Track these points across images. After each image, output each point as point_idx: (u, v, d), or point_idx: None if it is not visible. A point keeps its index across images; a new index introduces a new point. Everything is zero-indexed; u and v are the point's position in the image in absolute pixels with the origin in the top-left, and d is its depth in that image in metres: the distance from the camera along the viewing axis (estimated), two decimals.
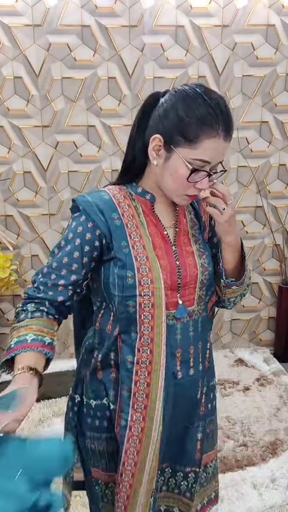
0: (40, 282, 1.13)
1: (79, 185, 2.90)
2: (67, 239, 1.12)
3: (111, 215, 1.11)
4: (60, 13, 2.65)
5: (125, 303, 1.09)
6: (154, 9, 2.71)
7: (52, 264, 1.13)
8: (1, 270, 2.65)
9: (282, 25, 2.80)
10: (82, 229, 1.11)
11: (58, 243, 1.15)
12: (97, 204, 1.11)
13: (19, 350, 1.05)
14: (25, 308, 1.12)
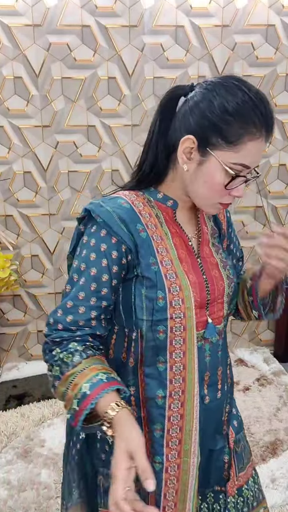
0: (70, 322, 0.95)
1: (79, 185, 2.90)
2: (89, 260, 0.95)
3: (136, 227, 0.96)
4: (60, 13, 2.65)
5: (155, 328, 0.95)
6: (154, 9, 2.71)
7: (78, 294, 0.95)
8: (1, 270, 2.65)
9: (282, 25, 2.80)
10: (106, 247, 0.94)
11: (75, 267, 0.97)
12: (118, 214, 0.95)
13: (101, 393, 0.86)
14: (71, 349, 0.92)
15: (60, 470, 2.15)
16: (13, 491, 2.03)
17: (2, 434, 2.38)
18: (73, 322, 0.95)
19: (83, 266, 0.96)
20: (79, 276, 0.96)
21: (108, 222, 0.94)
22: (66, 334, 0.95)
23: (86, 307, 0.95)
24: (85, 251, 0.96)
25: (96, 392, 0.85)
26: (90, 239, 0.96)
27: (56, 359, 0.93)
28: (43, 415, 2.51)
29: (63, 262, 3.00)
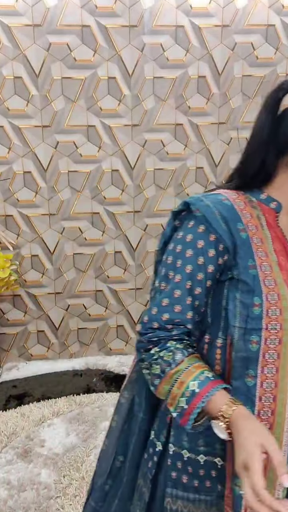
0: (166, 321, 0.91)
1: (79, 185, 2.90)
2: (184, 256, 0.91)
3: (236, 226, 0.90)
4: (60, 13, 2.65)
5: (248, 338, 0.89)
6: (154, 9, 2.71)
7: (174, 292, 0.91)
8: (1, 270, 2.65)
9: (282, 25, 2.80)
10: (203, 244, 0.90)
11: (169, 263, 0.93)
12: (219, 210, 0.90)
13: (211, 391, 0.84)
14: (171, 348, 0.90)
15: (60, 470, 2.15)
16: (13, 491, 2.03)
17: (2, 434, 2.38)
18: (169, 320, 0.91)
19: (178, 263, 0.92)
20: (174, 273, 0.92)
21: (208, 217, 0.90)
22: (163, 333, 0.91)
23: (182, 306, 0.91)
24: (181, 247, 0.92)
25: (206, 390, 0.84)
26: (187, 234, 0.92)
27: (156, 357, 0.90)
28: (43, 415, 2.51)
29: (63, 262, 3.00)
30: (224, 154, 2.95)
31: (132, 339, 3.17)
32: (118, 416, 1.21)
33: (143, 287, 3.10)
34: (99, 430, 2.38)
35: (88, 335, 3.13)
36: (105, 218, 2.97)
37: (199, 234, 0.90)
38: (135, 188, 2.94)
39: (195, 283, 0.90)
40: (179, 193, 2.98)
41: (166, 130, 2.88)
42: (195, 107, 2.87)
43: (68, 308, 3.07)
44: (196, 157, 2.94)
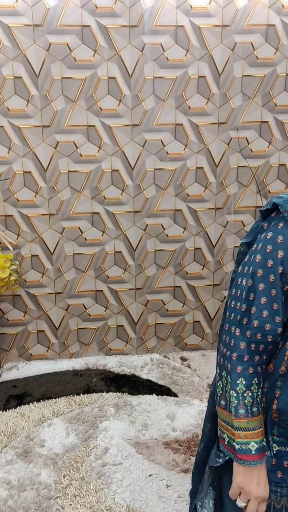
0: (260, 328, 1.03)
1: (79, 185, 2.90)
2: (276, 257, 0.98)
3: None
4: (60, 13, 2.65)
5: None
6: (154, 9, 2.71)
7: (260, 298, 1.01)
8: (1, 270, 2.65)
9: (282, 25, 2.80)
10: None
11: (259, 262, 1.00)
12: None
13: (262, 460, 1.07)
14: (253, 394, 1.06)
15: (60, 470, 2.15)
16: (13, 491, 2.03)
17: (2, 434, 2.38)
18: (262, 329, 1.03)
19: (270, 263, 0.98)
20: (264, 273, 0.99)
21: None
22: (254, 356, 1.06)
23: (271, 311, 1.01)
24: (271, 247, 0.98)
25: (259, 458, 1.05)
26: (277, 235, 0.97)
27: (240, 392, 1.06)
28: (43, 415, 2.51)
29: (63, 262, 3.00)
30: (224, 154, 2.96)
31: (131, 339, 3.17)
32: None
33: (143, 287, 3.10)
34: (99, 430, 2.38)
35: (88, 335, 3.13)
36: (105, 218, 2.97)
37: (282, 231, 0.96)
38: (135, 188, 2.94)
39: (285, 282, 0.98)
40: (179, 193, 2.98)
41: (166, 130, 2.88)
42: (195, 107, 2.87)
43: (68, 308, 3.07)
44: (196, 157, 2.94)
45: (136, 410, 2.54)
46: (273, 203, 0.99)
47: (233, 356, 1.05)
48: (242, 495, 1.07)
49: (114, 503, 1.96)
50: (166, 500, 1.98)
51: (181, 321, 3.18)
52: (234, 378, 1.05)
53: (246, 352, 1.04)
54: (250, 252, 1.05)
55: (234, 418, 1.05)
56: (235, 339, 1.05)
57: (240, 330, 1.05)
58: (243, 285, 1.04)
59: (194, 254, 3.09)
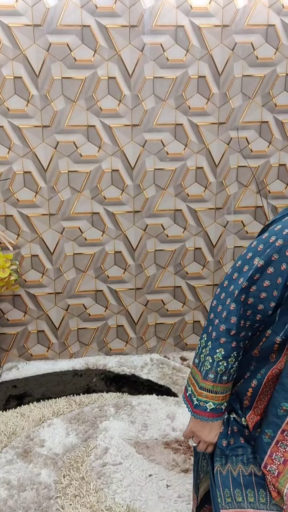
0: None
1: (79, 185, 2.90)
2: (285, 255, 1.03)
3: None
4: (60, 13, 2.65)
5: None
6: (154, 9, 2.71)
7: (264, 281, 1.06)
8: (1, 270, 2.65)
9: (282, 25, 2.80)
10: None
11: (276, 247, 1.04)
12: None
13: (215, 418, 1.17)
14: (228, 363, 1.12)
15: (60, 470, 2.15)
16: (13, 491, 2.03)
17: (2, 434, 2.38)
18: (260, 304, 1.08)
19: (275, 256, 1.03)
20: (279, 259, 1.03)
21: None
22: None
23: (270, 295, 1.05)
24: (281, 241, 1.02)
25: (212, 416, 1.13)
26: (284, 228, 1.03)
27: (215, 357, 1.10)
28: (43, 415, 2.51)
29: (63, 262, 3.00)
30: (224, 154, 2.96)
31: (131, 339, 3.17)
32: None
33: (143, 287, 3.10)
34: (99, 430, 2.38)
35: (88, 335, 3.13)
36: (105, 218, 2.97)
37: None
38: (135, 188, 2.94)
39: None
40: (179, 193, 2.98)
41: (166, 130, 2.88)
42: (195, 107, 2.87)
43: (68, 308, 3.07)
44: (196, 157, 2.94)
45: (136, 410, 2.54)
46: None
47: (220, 327, 1.08)
48: (194, 438, 1.19)
49: (114, 503, 1.96)
50: (166, 500, 1.98)
51: (181, 321, 3.18)
52: (215, 346, 1.09)
53: (235, 327, 1.07)
54: (271, 231, 1.06)
55: (202, 379, 1.12)
56: (227, 312, 1.08)
57: (235, 305, 1.07)
58: (254, 263, 1.05)
59: (194, 254, 3.09)
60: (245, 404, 1.17)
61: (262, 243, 1.05)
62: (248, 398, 1.16)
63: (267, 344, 1.09)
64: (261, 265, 1.03)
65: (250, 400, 1.16)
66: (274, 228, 1.06)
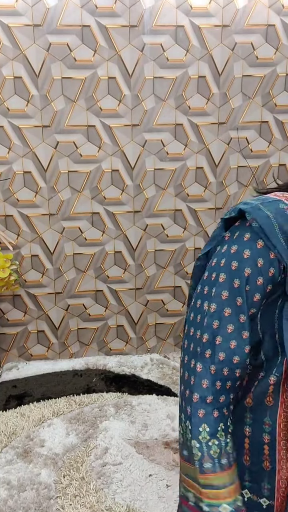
0: (224, 362, 0.83)
1: (79, 185, 2.90)
2: (243, 276, 0.81)
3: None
4: (60, 13, 2.65)
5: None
6: (154, 9, 2.71)
7: (226, 326, 0.82)
8: (1, 270, 2.65)
9: (282, 25, 2.80)
10: (263, 263, 0.80)
11: (223, 282, 0.83)
12: (280, 224, 0.80)
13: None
14: (220, 443, 0.85)
15: (60, 470, 2.15)
16: (13, 491, 2.03)
17: (2, 434, 2.38)
18: (227, 362, 0.84)
19: (236, 283, 0.81)
20: (230, 295, 0.82)
21: (267, 231, 0.79)
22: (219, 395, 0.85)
23: (238, 341, 0.83)
24: (237, 264, 0.81)
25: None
26: (244, 249, 0.81)
27: (203, 442, 0.84)
28: (43, 415, 2.51)
29: (63, 262, 3.00)
30: (224, 154, 2.96)
31: (131, 339, 3.17)
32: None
33: (143, 287, 3.10)
34: (99, 430, 2.38)
35: (88, 335, 3.13)
36: (105, 218, 2.97)
37: (258, 251, 0.80)
38: (135, 188, 2.94)
39: (251, 304, 0.81)
40: (179, 193, 2.98)
41: (166, 130, 2.88)
42: (195, 107, 2.87)
43: (68, 308, 3.07)
44: (196, 157, 2.94)
45: (136, 410, 2.54)
46: (239, 209, 0.83)
47: (193, 398, 0.84)
48: None
49: (114, 503, 1.96)
50: (166, 500, 1.98)
51: (181, 321, 3.18)
52: (196, 424, 0.84)
53: (209, 392, 0.84)
54: (209, 268, 0.87)
55: (199, 474, 0.84)
56: (195, 376, 0.85)
57: (202, 365, 0.84)
58: (205, 309, 0.85)
59: (194, 254, 3.09)
60: (265, 467, 0.91)
61: (206, 285, 0.86)
62: (267, 458, 0.90)
63: (261, 388, 0.89)
64: (214, 309, 0.84)
65: (271, 462, 0.90)
66: (211, 264, 0.88)
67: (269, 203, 0.83)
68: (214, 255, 0.88)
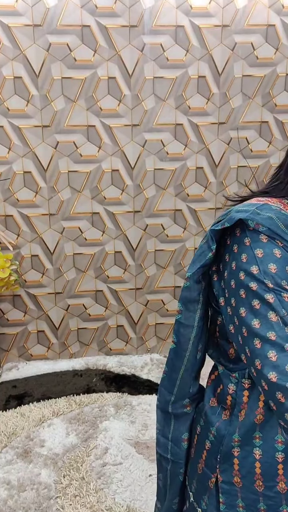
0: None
1: (79, 185, 2.90)
2: (271, 273, 0.77)
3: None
4: (60, 13, 2.65)
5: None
6: (154, 9, 2.71)
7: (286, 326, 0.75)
8: (1, 270, 2.65)
9: (282, 25, 2.80)
10: (280, 252, 0.79)
11: (274, 284, 0.77)
12: (283, 221, 0.81)
13: None
14: None
15: (60, 470, 2.15)
16: (13, 491, 2.03)
17: (2, 434, 2.38)
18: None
19: (269, 284, 0.77)
20: (274, 295, 0.77)
21: (276, 231, 0.79)
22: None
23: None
24: (275, 266, 0.77)
25: None
26: (272, 250, 0.78)
27: None
28: (43, 415, 2.51)
29: (63, 262, 3.00)
30: (224, 154, 2.96)
31: (132, 339, 3.17)
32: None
33: (143, 287, 3.10)
34: (99, 430, 2.38)
35: (88, 335, 3.13)
36: (105, 218, 2.97)
37: (268, 244, 0.79)
38: (135, 188, 2.94)
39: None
40: (179, 193, 2.98)
41: (166, 130, 2.88)
42: (195, 107, 2.87)
43: (68, 308, 3.07)
44: (196, 157, 2.94)
45: (136, 410, 2.54)
46: (236, 219, 0.81)
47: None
48: None
49: (114, 503, 1.96)
50: None
51: None
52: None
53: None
54: (238, 283, 0.81)
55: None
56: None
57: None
58: (254, 326, 0.78)
59: (194, 254, 3.09)
60: (281, 489, 0.86)
61: (246, 302, 0.81)
62: (283, 479, 0.86)
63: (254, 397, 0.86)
64: (276, 319, 0.77)
65: (286, 482, 0.86)
66: (237, 279, 0.83)
67: (261, 206, 0.82)
68: (233, 273, 0.83)
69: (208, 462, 0.92)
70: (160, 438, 1.05)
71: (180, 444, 1.01)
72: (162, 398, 1.05)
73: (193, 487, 0.98)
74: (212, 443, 0.91)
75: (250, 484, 0.87)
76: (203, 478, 0.94)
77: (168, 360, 1.00)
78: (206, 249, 0.88)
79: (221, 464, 0.89)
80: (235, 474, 0.88)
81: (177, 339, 0.97)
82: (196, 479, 0.97)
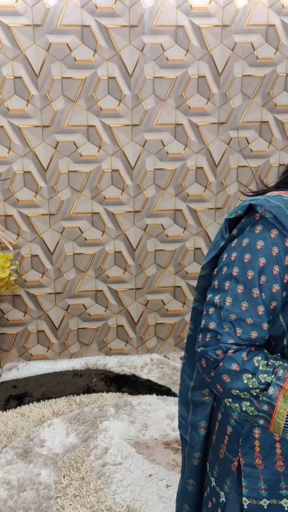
0: (242, 338, 0.83)
1: (79, 185, 2.90)
2: (258, 267, 0.81)
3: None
4: (60, 13, 2.65)
5: None
6: (154, 9, 2.71)
7: (257, 309, 0.82)
8: (1, 270, 2.65)
9: (282, 25, 2.80)
10: (278, 251, 0.81)
11: (237, 276, 0.83)
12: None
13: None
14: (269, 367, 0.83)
15: (60, 470, 2.15)
16: (13, 491, 2.03)
17: (2, 434, 2.38)
18: (245, 338, 0.84)
19: (250, 274, 0.82)
20: (244, 287, 0.82)
21: (282, 219, 0.80)
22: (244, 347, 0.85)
23: (255, 320, 0.82)
24: (249, 256, 0.82)
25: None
26: (256, 241, 0.82)
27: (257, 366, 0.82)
28: (43, 415, 2.51)
29: (63, 262, 3.00)
30: (224, 154, 2.96)
31: (131, 339, 3.17)
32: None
33: (143, 287, 3.10)
34: (99, 430, 2.38)
35: (88, 335, 3.13)
36: (105, 218, 2.97)
37: (272, 240, 0.81)
38: (135, 188, 2.94)
39: (271, 296, 0.81)
40: (179, 193, 2.98)
41: (166, 130, 2.88)
42: (195, 107, 2.87)
43: (68, 308, 3.07)
44: (196, 157, 2.94)
45: (136, 410, 2.54)
46: (247, 206, 0.85)
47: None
48: None
49: (114, 503, 1.96)
50: (166, 500, 1.98)
51: (181, 321, 3.18)
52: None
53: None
54: (221, 263, 0.88)
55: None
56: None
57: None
58: (218, 303, 0.86)
59: (194, 254, 3.09)
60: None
61: (217, 279, 0.88)
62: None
63: None
64: (230, 303, 0.85)
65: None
66: (221, 259, 0.90)
67: (274, 197, 0.86)
68: (225, 251, 0.89)
69: (230, 447, 0.95)
70: (181, 420, 1.09)
71: (198, 430, 1.05)
72: (183, 383, 1.11)
73: (215, 472, 1.00)
74: (234, 427, 0.94)
75: (271, 465, 0.90)
76: (225, 462, 0.96)
77: (187, 346, 1.06)
78: (220, 239, 0.92)
79: (243, 447, 0.92)
80: (257, 456, 0.91)
81: (194, 326, 1.02)
82: (218, 464, 0.99)
